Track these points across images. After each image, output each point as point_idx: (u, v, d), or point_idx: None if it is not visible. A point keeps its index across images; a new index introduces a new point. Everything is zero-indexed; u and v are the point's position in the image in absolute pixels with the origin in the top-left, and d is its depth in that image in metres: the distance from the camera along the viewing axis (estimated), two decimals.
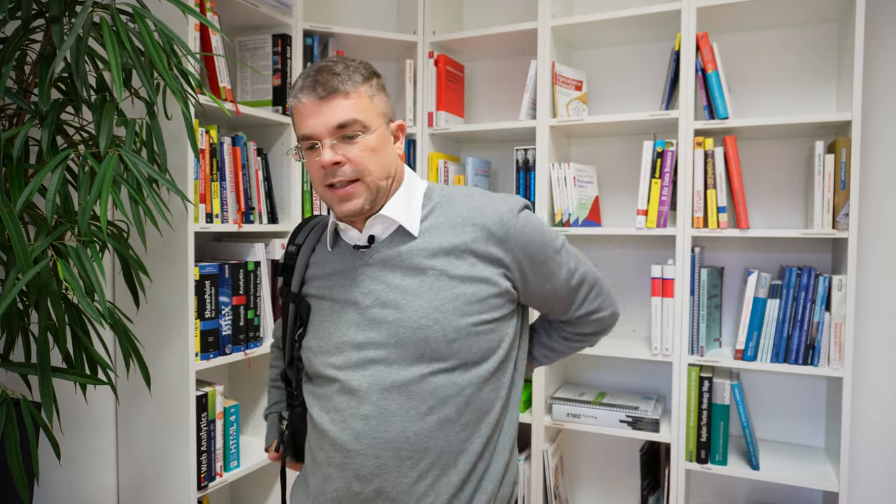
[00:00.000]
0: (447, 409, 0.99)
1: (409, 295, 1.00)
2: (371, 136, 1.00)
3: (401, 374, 0.99)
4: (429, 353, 0.99)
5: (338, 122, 0.98)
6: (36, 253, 1.17)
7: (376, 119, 1.01)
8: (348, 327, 1.03)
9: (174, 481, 1.75)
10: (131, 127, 1.33)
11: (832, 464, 1.89)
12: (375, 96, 1.02)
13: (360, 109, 0.99)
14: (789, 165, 2.06)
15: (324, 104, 0.98)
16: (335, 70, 0.99)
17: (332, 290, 1.07)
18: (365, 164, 0.99)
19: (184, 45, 1.33)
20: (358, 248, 1.06)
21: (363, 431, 0.99)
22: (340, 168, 0.99)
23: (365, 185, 1.00)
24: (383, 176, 1.02)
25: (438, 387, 0.99)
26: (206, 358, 1.79)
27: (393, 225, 1.05)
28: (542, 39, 2.10)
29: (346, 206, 1.01)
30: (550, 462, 2.13)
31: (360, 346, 1.02)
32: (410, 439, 0.99)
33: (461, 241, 1.02)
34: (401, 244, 1.04)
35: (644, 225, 2.00)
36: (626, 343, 2.14)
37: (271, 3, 1.98)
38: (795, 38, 2.04)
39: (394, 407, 0.99)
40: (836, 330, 1.78)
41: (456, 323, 0.99)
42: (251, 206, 1.97)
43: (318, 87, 0.98)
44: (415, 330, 0.99)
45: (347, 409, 1.01)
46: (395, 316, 1.00)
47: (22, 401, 1.24)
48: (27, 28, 1.30)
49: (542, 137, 2.11)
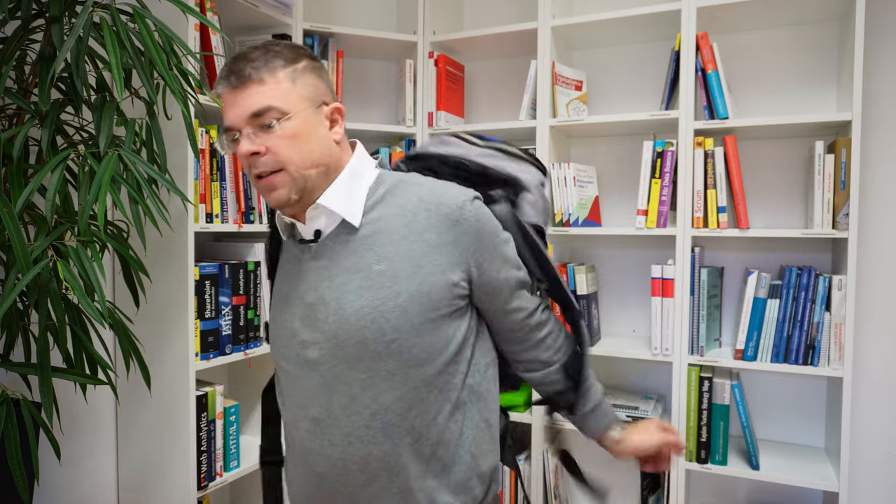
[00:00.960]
0: (389, 414, 0.96)
1: (348, 293, 0.96)
2: (290, 123, 0.94)
3: (344, 376, 0.97)
4: (367, 355, 0.95)
5: (252, 111, 0.93)
6: (36, 253, 1.17)
7: (297, 104, 0.95)
8: (293, 321, 1.02)
9: (174, 481, 1.75)
10: (131, 127, 1.33)
11: (832, 464, 1.89)
12: (299, 79, 0.96)
13: (277, 96, 0.93)
14: (789, 165, 2.06)
15: (238, 93, 0.94)
16: (251, 57, 0.95)
17: (284, 282, 1.06)
18: (285, 153, 0.94)
19: (184, 45, 1.33)
20: (304, 241, 1.03)
21: (315, 432, 0.99)
22: (260, 158, 0.94)
23: (288, 174, 0.95)
24: (308, 164, 0.96)
25: (381, 391, 0.96)
26: (206, 358, 1.79)
27: (338, 216, 1.00)
28: (542, 39, 2.10)
29: (272, 195, 0.96)
30: (550, 462, 2.13)
31: (305, 343, 1.00)
32: (354, 444, 0.97)
33: (412, 229, 0.97)
34: (346, 238, 0.99)
35: (644, 225, 2.00)
36: (626, 343, 2.14)
37: (271, 3, 1.98)
38: (795, 38, 2.04)
39: (337, 411, 0.97)
40: (836, 330, 1.78)
41: (395, 322, 0.94)
42: (251, 206, 1.97)
43: (232, 77, 0.94)
44: (353, 332, 0.95)
45: (300, 410, 1.01)
46: (335, 316, 0.97)
47: (22, 401, 1.24)
48: (27, 28, 1.30)
49: (542, 137, 2.11)
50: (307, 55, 0.99)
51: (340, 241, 0.99)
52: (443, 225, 0.97)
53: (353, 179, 1.01)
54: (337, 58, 2.24)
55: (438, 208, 0.97)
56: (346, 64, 2.51)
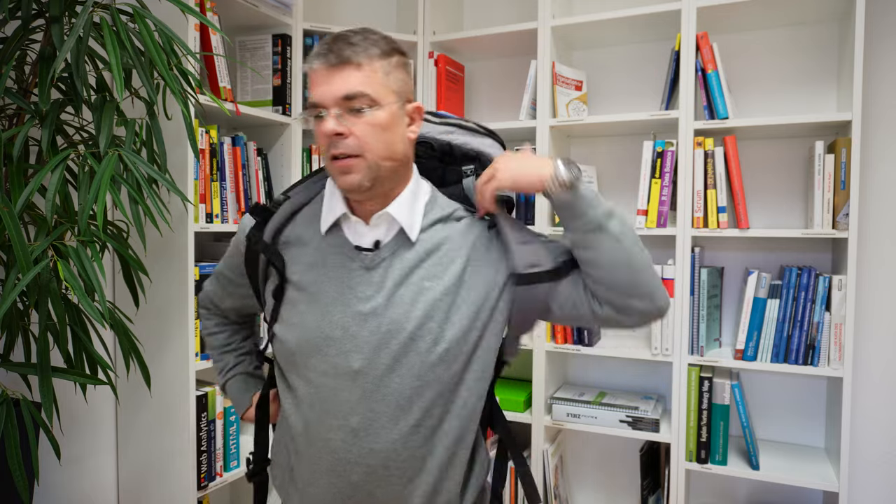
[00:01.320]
0: (432, 419, 0.98)
1: (404, 304, 0.98)
2: (378, 112, 0.95)
3: (392, 385, 0.97)
4: (419, 365, 0.97)
5: (344, 93, 0.94)
6: (36, 253, 1.17)
7: (387, 96, 0.96)
8: (332, 329, 0.98)
9: (174, 481, 1.75)
10: (131, 127, 1.33)
11: (832, 464, 1.89)
12: (392, 73, 0.97)
13: (371, 83, 0.95)
14: (789, 165, 2.06)
15: (334, 73, 0.94)
16: (352, 40, 0.95)
17: (320, 284, 1.02)
18: (368, 140, 0.95)
19: (184, 45, 1.33)
20: (360, 249, 1.02)
21: (352, 442, 0.97)
22: (343, 140, 0.95)
23: (366, 161, 0.95)
24: (387, 156, 0.97)
25: (427, 400, 0.97)
26: (206, 358, 1.79)
27: (395, 227, 1.02)
28: (542, 39, 2.10)
29: (345, 178, 0.96)
30: (550, 462, 2.13)
31: (347, 353, 0.98)
32: (398, 451, 0.97)
33: (463, 251, 1.01)
34: (402, 251, 1.01)
35: (644, 225, 2.00)
36: (626, 343, 2.14)
37: (271, 3, 1.98)
38: (795, 38, 2.04)
39: (383, 419, 0.97)
40: (836, 330, 1.79)
41: (449, 335, 0.97)
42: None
43: (331, 55, 0.95)
44: (407, 342, 0.96)
45: (333, 421, 0.98)
46: (389, 327, 0.97)
47: (22, 401, 1.24)
48: (27, 28, 1.30)
49: (542, 137, 2.11)
50: (399, 50, 1.00)
51: (396, 253, 1.01)
52: (485, 247, 1.04)
53: (414, 194, 1.03)
54: None
55: (483, 230, 1.04)
56: None
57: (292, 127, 2.09)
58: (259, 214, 1.09)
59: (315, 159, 2.19)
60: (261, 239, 1.07)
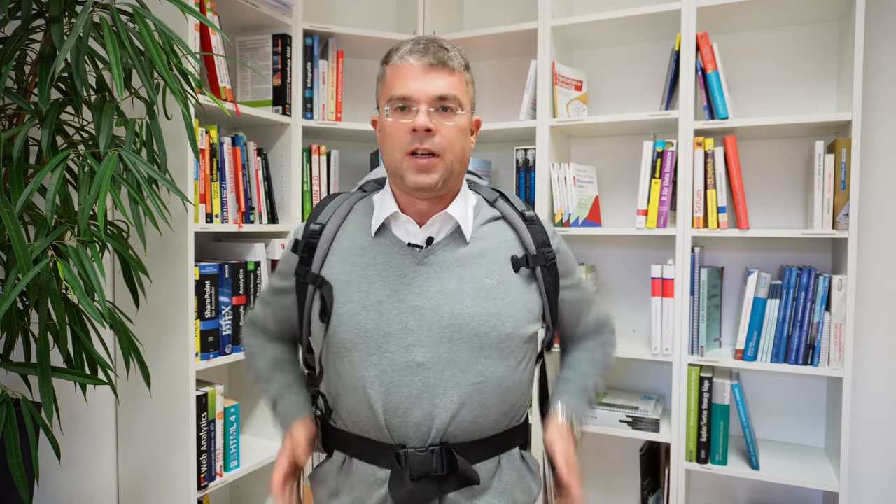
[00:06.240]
0: (493, 415, 1.04)
1: (466, 299, 1.01)
2: (463, 118, 1.02)
3: (454, 378, 1.00)
4: (482, 357, 1.01)
5: (441, 93, 0.99)
6: (36, 253, 1.17)
7: (467, 104, 1.04)
8: (390, 325, 1.01)
9: (174, 481, 1.75)
10: (131, 127, 1.33)
11: (832, 464, 1.89)
12: (470, 85, 1.06)
13: (461, 90, 1.02)
14: (789, 165, 2.06)
15: (431, 71, 0.99)
16: (445, 46, 1.02)
17: (372, 284, 1.03)
18: (451, 141, 1.00)
19: (184, 45, 1.33)
20: (412, 246, 1.05)
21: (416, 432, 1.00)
22: (430, 137, 0.98)
23: (444, 161, 1.00)
24: (460, 159, 1.03)
25: (486, 395, 1.01)
26: (206, 358, 1.79)
27: (447, 227, 1.06)
28: (542, 39, 2.10)
29: (422, 177, 1.00)
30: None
31: (409, 347, 1.00)
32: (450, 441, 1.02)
33: (511, 252, 1.08)
34: (455, 249, 1.05)
35: (644, 225, 2.00)
36: (626, 343, 2.14)
37: (271, 3, 1.98)
38: (795, 38, 2.04)
39: (443, 414, 1.00)
40: (836, 330, 1.79)
41: (510, 327, 1.02)
42: (251, 206, 1.98)
43: (430, 55, 0.99)
44: (472, 336, 1.00)
45: (396, 416, 1.00)
46: (451, 320, 1.00)
47: (22, 401, 1.24)
48: (27, 28, 1.30)
49: (542, 137, 2.11)
50: (470, 68, 1.08)
51: (450, 250, 1.05)
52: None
53: (465, 199, 1.10)
54: (337, 58, 2.23)
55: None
56: (346, 64, 2.51)
57: (292, 127, 2.09)
58: (304, 251, 1.09)
59: (315, 159, 2.19)
60: (308, 272, 1.09)
